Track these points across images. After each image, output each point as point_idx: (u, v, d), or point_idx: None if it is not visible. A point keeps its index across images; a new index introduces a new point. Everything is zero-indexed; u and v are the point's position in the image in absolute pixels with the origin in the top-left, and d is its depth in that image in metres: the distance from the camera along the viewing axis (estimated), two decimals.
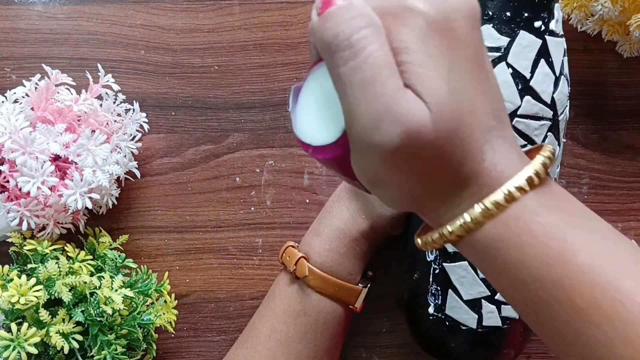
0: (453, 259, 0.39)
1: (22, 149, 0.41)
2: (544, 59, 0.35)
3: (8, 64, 0.51)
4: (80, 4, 0.52)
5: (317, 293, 0.42)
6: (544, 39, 0.35)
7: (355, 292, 0.43)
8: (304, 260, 0.42)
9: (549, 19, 0.35)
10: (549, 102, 0.35)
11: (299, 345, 0.42)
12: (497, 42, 0.35)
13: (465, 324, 0.39)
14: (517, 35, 0.35)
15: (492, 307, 0.38)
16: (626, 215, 0.50)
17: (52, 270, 0.42)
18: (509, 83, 0.35)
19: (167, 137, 0.51)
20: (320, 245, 0.43)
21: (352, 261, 0.43)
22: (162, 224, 0.51)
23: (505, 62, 0.35)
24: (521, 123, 0.35)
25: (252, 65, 0.51)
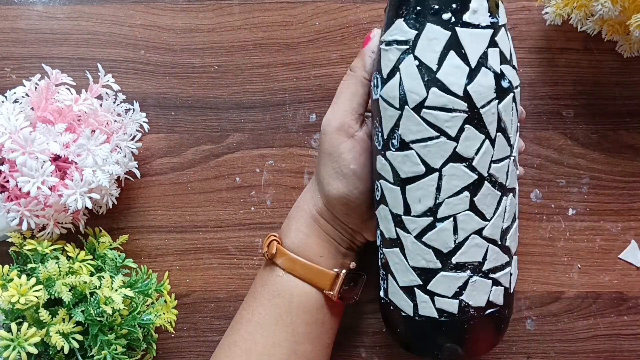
0: (388, 245, 0.40)
1: (22, 149, 0.41)
2: (454, 50, 0.35)
3: (8, 64, 0.51)
4: (80, 4, 0.52)
5: (289, 274, 0.43)
6: (453, 30, 0.35)
7: (327, 276, 0.43)
8: (274, 242, 0.43)
9: (461, 11, 0.35)
10: (461, 94, 0.35)
11: (276, 328, 0.42)
12: (405, 36, 0.36)
13: (404, 310, 0.39)
14: (424, 28, 0.35)
15: (425, 296, 0.38)
16: (626, 215, 0.50)
17: (52, 270, 0.42)
18: (414, 75, 0.35)
19: (167, 137, 0.52)
20: (288, 227, 0.44)
21: (318, 243, 0.43)
22: (162, 224, 0.51)
23: (412, 54, 0.35)
24: (430, 114, 0.35)
25: (252, 65, 0.51)
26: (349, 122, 0.41)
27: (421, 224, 0.37)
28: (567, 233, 0.50)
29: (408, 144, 0.36)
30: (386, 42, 0.37)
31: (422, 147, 0.36)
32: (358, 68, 0.41)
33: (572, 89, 0.50)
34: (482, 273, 0.38)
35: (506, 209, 0.38)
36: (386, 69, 0.37)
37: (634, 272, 0.50)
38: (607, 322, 0.49)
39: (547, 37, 0.51)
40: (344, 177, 0.41)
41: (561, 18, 0.46)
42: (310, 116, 0.51)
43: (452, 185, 0.36)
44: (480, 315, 0.38)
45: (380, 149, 0.38)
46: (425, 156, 0.36)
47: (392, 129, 0.37)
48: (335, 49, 0.51)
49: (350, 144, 0.41)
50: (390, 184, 0.38)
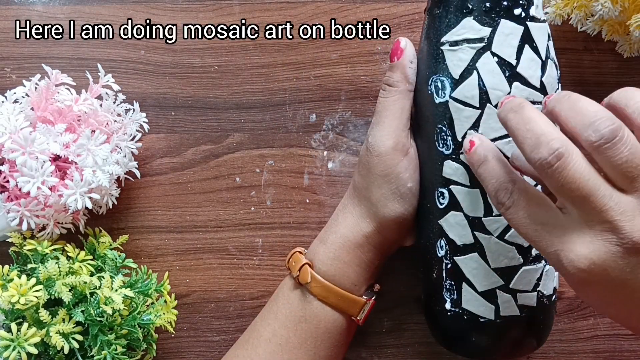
0: (463, 252, 0.39)
1: (22, 149, 0.41)
2: (528, 44, 0.36)
3: (8, 64, 0.51)
4: (80, 4, 0.52)
5: (319, 301, 0.42)
6: (525, 25, 0.36)
7: (358, 304, 0.42)
8: (308, 267, 0.42)
9: (528, 6, 0.36)
10: (538, 86, 0.36)
11: (298, 352, 0.42)
12: (479, 34, 0.36)
13: (483, 315, 0.39)
14: (499, 25, 0.36)
15: (507, 296, 0.38)
16: None
17: (52, 270, 0.42)
18: (495, 72, 0.36)
19: (167, 137, 0.52)
20: (325, 253, 0.43)
21: (356, 271, 0.42)
22: (162, 224, 0.51)
23: (489, 51, 0.36)
24: None
25: (252, 65, 0.51)
26: (403, 140, 0.40)
27: (503, 222, 0.37)
28: None
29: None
30: (451, 43, 0.37)
31: (506, 144, 0.36)
32: (399, 82, 0.40)
33: (572, 89, 0.50)
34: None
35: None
36: (457, 69, 0.36)
37: None
38: (607, 322, 0.49)
39: None
40: (401, 197, 0.40)
41: (561, 18, 0.46)
42: (310, 116, 0.51)
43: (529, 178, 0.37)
44: (550, 302, 0.39)
45: (449, 153, 0.38)
46: (508, 152, 0.36)
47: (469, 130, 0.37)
48: (335, 49, 0.51)
49: (406, 162, 0.40)
50: (466, 187, 0.37)
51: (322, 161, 0.51)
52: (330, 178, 0.51)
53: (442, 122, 0.38)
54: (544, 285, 0.38)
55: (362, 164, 0.42)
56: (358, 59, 0.51)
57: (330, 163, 0.51)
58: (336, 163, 0.51)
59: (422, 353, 0.44)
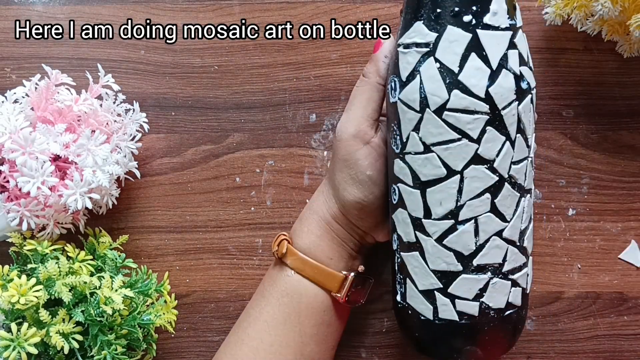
0: (407, 249, 0.39)
1: (22, 149, 0.41)
2: (475, 52, 0.35)
3: (8, 64, 0.51)
4: (80, 4, 0.52)
5: (298, 275, 0.43)
6: (474, 32, 0.35)
7: (336, 278, 0.43)
8: (285, 242, 0.43)
9: (481, 13, 0.35)
10: (483, 96, 0.35)
11: (284, 328, 0.42)
12: (425, 38, 0.36)
13: (423, 314, 0.39)
14: (445, 31, 0.35)
15: (445, 299, 0.38)
16: (626, 215, 0.50)
17: (52, 270, 0.42)
18: (435, 77, 0.35)
19: (167, 137, 0.52)
20: (299, 227, 0.44)
21: (329, 245, 0.43)
22: (162, 224, 0.51)
23: (433, 57, 0.36)
24: (451, 117, 0.35)
25: (252, 65, 0.51)
26: (365, 129, 0.41)
27: (442, 227, 0.37)
28: (567, 233, 0.50)
29: (429, 147, 0.36)
30: (404, 45, 0.37)
31: (444, 150, 0.36)
32: (372, 74, 0.41)
33: (572, 89, 0.50)
34: (502, 274, 0.38)
35: (524, 210, 0.38)
36: (405, 72, 0.37)
37: (634, 272, 0.50)
38: (607, 322, 0.49)
39: (547, 37, 0.51)
40: (360, 183, 0.41)
41: (561, 18, 0.46)
42: (310, 116, 0.51)
43: (473, 187, 0.36)
44: (500, 316, 0.38)
45: (398, 152, 0.38)
46: (447, 158, 0.36)
47: (411, 132, 0.37)
48: (335, 49, 0.51)
49: (366, 151, 0.41)
50: (409, 187, 0.38)
51: (322, 161, 0.51)
52: None
53: (394, 121, 0.38)
54: (490, 297, 0.38)
55: (332, 147, 0.43)
56: (358, 59, 0.51)
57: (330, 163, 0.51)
58: None
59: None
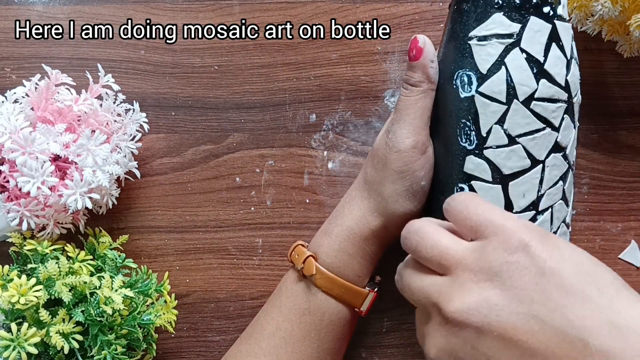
0: None
1: (22, 149, 0.41)
2: (555, 42, 0.36)
3: (8, 64, 0.51)
4: (80, 4, 0.52)
5: (323, 293, 0.42)
6: (553, 23, 0.36)
7: (362, 295, 0.43)
8: (312, 259, 0.42)
9: (556, 5, 0.37)
10: (564, 85, 0.36)
11: (302, 345, 0.42)
12: (509, 29, 0.36)
13: None
14: (528, 21, 0.36)
15: None
16: (626, 215, 0.50)
17: (52, 270, 0.42)
18: (524, 67, 0.36)
19: (167, 137, 0.52)
20: (329, 245, 0.43)
21: (360, 263, 0.43)
22: (162, 224, 0.51)
23: (519, 47, 0.36)
24: (539, 106, 0.36)
25: (252, 65, 0.51)
26: (423, 139, 0.40)
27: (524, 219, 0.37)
28: None
29: (514, 138, 0.36)
30: (480, 37, 0.37)
31: (530, 140, 0.36)
32: (422, 82, 0.40)
33: None
34: None
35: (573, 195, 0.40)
36: (486, 64, 0.37)
37: (634, 272, 0.50)
38: None
39: None
40: (414, 194, 0.40)
41: None
42: (310, 116, 0.51)
43: (552, 175, 0.37)
44: None
45: (472, 148, 0.38)
46: (532, 149, 0.36)
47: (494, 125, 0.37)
48: (335, 49, 0.51)
49: (423, 161, 0.40)
50: (487, 183, 0.37)
51: (322, 161, 0.51)
52: (330, 178, 0.51)
53: (466, 117, 0.38)
54: None
55: (377, 158, 0.42)
56: (358, 59, 0.51)
57: (330, 163, 0.51)
58: (336, 163, 0.51)
59: (422, 353, 0.44)
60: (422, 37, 0.40)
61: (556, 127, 0.36)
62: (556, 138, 0.36)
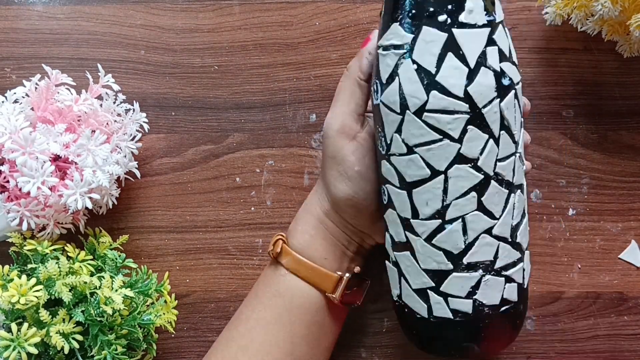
0: (399, 249, 0.39)
1: (22, 149, 0.41)
2: (452, 52, 0.35)
3: (8, 64, 0.52)
4: (80, 4, 0.52)
5: (292, 274, 0.43)
6: (450, 32, 0.35)
7: (330, 279, 0.42)
8: (280, 241, 0.43)
9: (456, 12, 0.35)
10: (462, 96, 0.35)
11: (274, 327, 0.42)
12: (402, 40, 0.36)
13: (418, 312, 0.39)
14: (421, 32, 0.35)
15: (438, 298, 0.38)
16: (626, 215, 0.50)
17: (52, 270, 0.42)
18: (413, 79, 0.35)
19: (167, 137, 0.52)
20: (294, 227, 0.44)
21: (322, 245, 0.43)
22: (162, 224, 0.51)
23: (410, 58, 0.35)
24: (431, 118, 0.35)
25: (252, 65, 0.51)
26: (350, 124, 0.41)
27: (430, 226, 0.37)
28: (567, 233, 0.50)
29: (412, 148, 0.36)
30: (383, 47, 0.37)
31: (426, 151, 0.36)
32: (354, 69, 0.41)
33: (572, 89, 0.51)
34: (495, 271, 0.38)
35: (515, 206, 0.38)
36: (385, 74, 0.37)
37: (634, 272, 0.50)
38: (607, 322, 0.49)
39: (547, 37, 0.51)
40: (349, 179, 0.41)
41: (561, 18, 0.46)
42: (310, 116, 0.51)
43: (458, 186, 0.36)
44: (495, 313, 0.38)
45: (384, 153, 0.38)
46: (430, 159, 0.36)
47: (394, 134, 0.37)
48: (335, 49, 0.51)
49: (353, 146, 0.41)
50: (396, 188, 0.38)
51: None
52: None
53: (378, 123, 0.38)
54: (483, 294, 0.38)
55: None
56: None
57: None
58: None
59: (422, 353, 0.44)
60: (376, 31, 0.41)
61: (455, 139, 0.35)
62: (458, 149, 0.35)
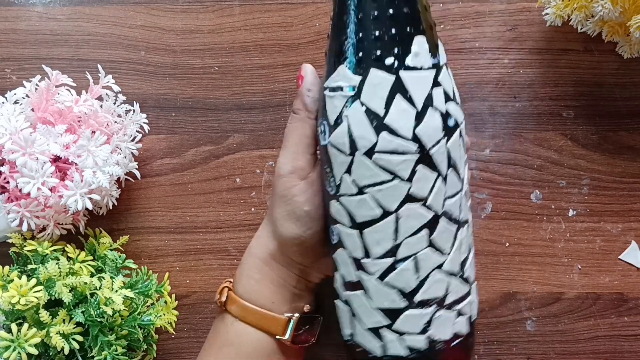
0: (351, 288, 0.39)
1: (23, 150, 0.41)
2: (400, 94, 0.35)
3: (8, 65, 0.52)
4: (81, 5, 0.52)
5: (240, 322, 0.42)
6: (397, 75, 0.35)
7: (279, 322, 0.42)
8: (226, 289, 0.43)
9: (403, 55, 0.35)
10: (410, 137, 0.35)
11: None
12: (350, 82, 0.35)
13: (371, 351, 0.38)
14: (368, 74, 0.35)
15: (392, 336, 0.37)
16: (626, 216, 0.50)
17: (53, 271, 0.42)
18: (363, 121, 0.35)
19: (167, 138, 0.52)
20: (239, 273, 0.43)
21: (270, 288, 0.42)
22: (163, 225, 0.51)
23: (359, 100, 0.35)
24: (381, 159, 0.35)
25: (252, 66, 0.51)
26: (301, 165, 0.40)
27: (382, 266, 0.37)
28: (568, 234, 0.50)
29: (362, 189, 0.36)
30: (330, 88, 0.36)
31: (377, 191, 0.35)
32: (300, 109, 0.40)
33: (573, 90, 0.51)
34: (446, 306, 0.37)
35: (462, 241, 0.38)
36: (333, 116, 0.36)
37: (634, 272, 0.50)
38: (608, 323, 0.49)
39: (548, 38, 0.51)
40: (297, 219, 0.40)
41: (561, 19, 0.46)
42: None
43: (409, 225, 0.36)
44: (447, 347, 0.38)
45: (333, 194, 0.37)
46: (381, 199, 0.36)
47: (344, 175, 0.36)
48: None
49: (303, 186, 0.40)
50: (347, 228, 0.37)
51: None
52: None
53: (327, 163, 0.38)
54: (436, 329, 0.37)
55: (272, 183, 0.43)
56: None
57: None
58: None
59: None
60: (307, 66, 0.40)
61: (405, 179, 0.35)
62: (408, 189, 0.35)
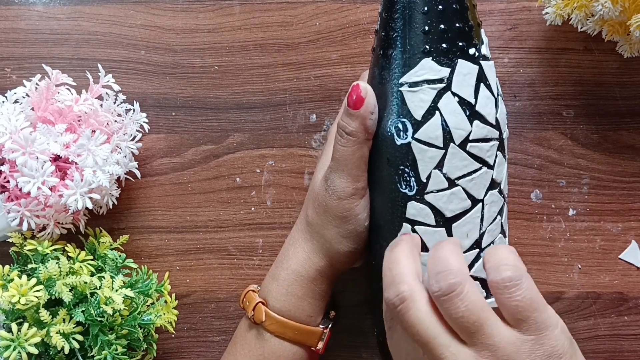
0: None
1: (23, 149, 0.41)
2: (482, 83, 0.36)
3: (8, 64, 0.52)
4: (81, 4, 0.52)
5: (277, 338, 0.42)
6: (479, 64, 0.36)
7: (316, 334, 0.42)
8: (262, 306, 0.42)
9: (480, 45, 0.37)
10: (494, 123, 0.37)
11: None
12: (439, 74, 0.36)
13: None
14: (457, 65, 0.36)
15: None
16: (626, 215, 0.50)
17: (53, 270, 0.42)
18: (457, 111, 0.36)
19: (167, 138, 0.52)
20: (278, 290, 0.43)
21: (310, 303, 0.42)
22: (163, 224, 0.51)
23: (450, 91, 0.36)
24: (475, 147, 0.36)
25: (252, 65, 0.51)
26: (362, 185, 0.40)
27: (469, 258, 0.37)
28: (568, 233, 0.50)
29: (454, 181, 0.36)
30: (411, 84, 0.36)
31: (469, 181, 0.36)
32: (359, 132, 0.38)
33: (573, 89, 0.50)
34: None
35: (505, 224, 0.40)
36: (420, 111, 0.36)
37: (634, 272, 0.50)
38: (608, 322, 0.49)
39: (548, 37, 0.51)
40: (357, 235, 0.40)
41: (561, 18, 0.46)
42: (310, 116, 0.51)
43: (491, 212, 0.37)
44: None
45: (413, 194, 0.37)
46: (471, 189, 0.36)
47: (433, 170, 0.36)
48: (335, 49, 0.51)
49: (364, 203, 0.40)
50: (431, 227, 0.37)
51: None
52: None
53: (404, 163, 0.37)
54: None
55: (318, 202, 0.41)
56: (358, 59, 0.51)
57: None
58: None
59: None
60: (364, 85, 0.38)
61: (491, 165, 0.37)
62: (492, 175, 0.37)
